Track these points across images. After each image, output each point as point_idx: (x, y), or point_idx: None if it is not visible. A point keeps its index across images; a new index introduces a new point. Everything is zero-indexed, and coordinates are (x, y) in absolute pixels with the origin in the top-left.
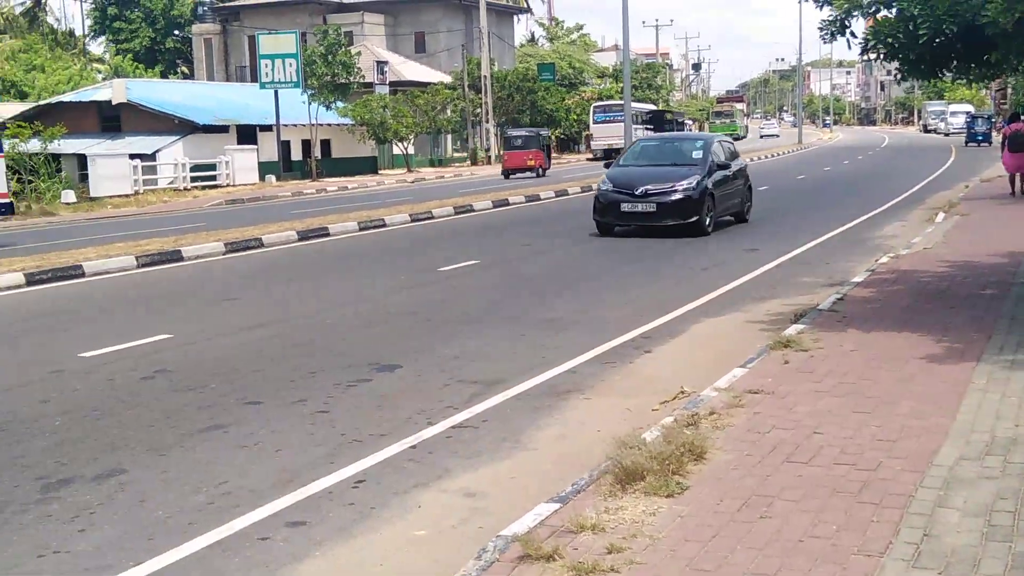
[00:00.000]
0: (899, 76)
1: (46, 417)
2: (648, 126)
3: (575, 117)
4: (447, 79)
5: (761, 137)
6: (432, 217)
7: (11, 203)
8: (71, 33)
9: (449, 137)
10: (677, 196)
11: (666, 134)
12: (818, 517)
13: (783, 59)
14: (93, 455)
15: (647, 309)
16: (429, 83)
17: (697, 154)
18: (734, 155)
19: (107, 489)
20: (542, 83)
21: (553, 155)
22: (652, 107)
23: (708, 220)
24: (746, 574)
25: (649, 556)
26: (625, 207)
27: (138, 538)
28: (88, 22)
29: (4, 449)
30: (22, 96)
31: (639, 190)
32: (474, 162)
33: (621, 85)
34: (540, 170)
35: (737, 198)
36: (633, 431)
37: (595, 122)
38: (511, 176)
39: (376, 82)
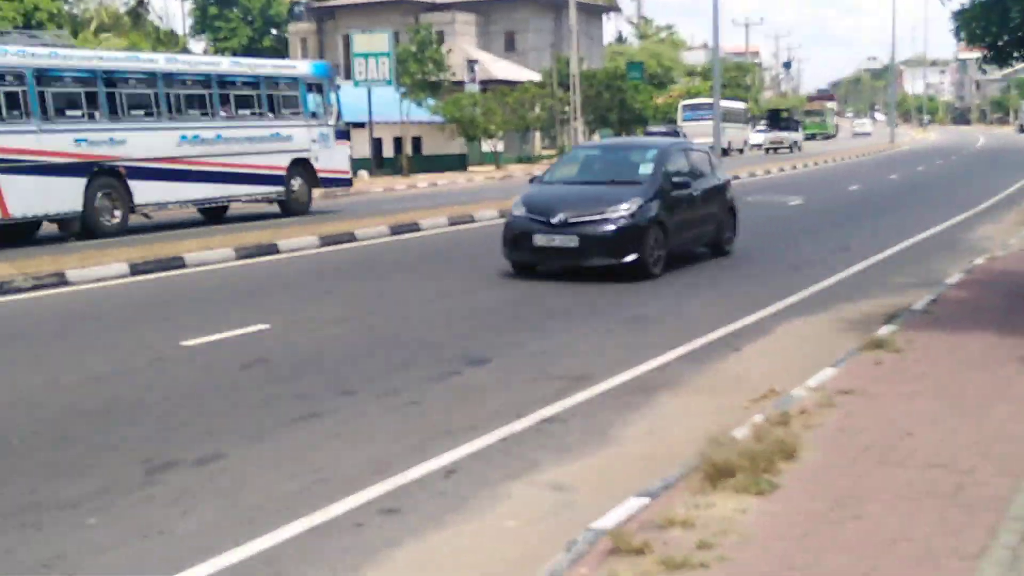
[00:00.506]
0: (981, 62)
1: (150, 403)
2: (763, 125)
3: (664, 116)
4: (536, 77)
5: (854, 136)
6: None
7: (350, 178)
8: (172, 32)
9: (537, 135)
10: (608, 227)
11: (612, 140)
12: (911, 519)
13: (875, 58)
14: (194, 440)
15: (736, 307)
16: (518, 81)
17: (645, 168)
18: (706, 169)
19: (208, 473)
20: (631, 82)
21: None
22: (743, 104)
23: (655, 259)
24: (838, 574)
25: (740, 553)
26: (539, 240)
27: (238, 521)
28: (189, 21)
29: (110, 433)
30: None
31: (557, 218)
32: None
33: (710, 84)
34: None
35: (709, 225)
36: (723, 428)
37: (684, 120)
38: None
39: (466, 80)
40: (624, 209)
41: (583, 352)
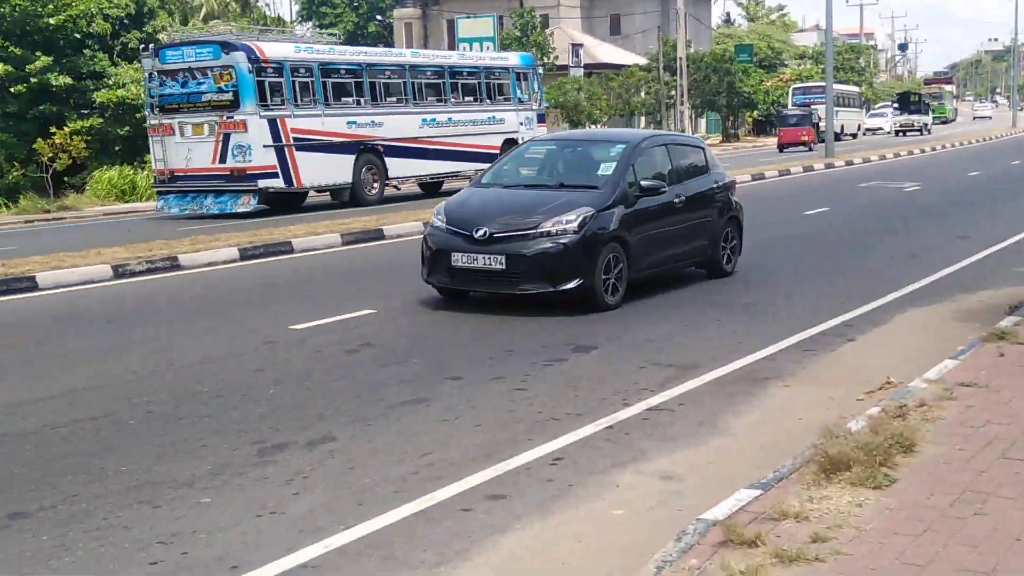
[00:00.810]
0: None
1: (261, 386)
2: (881, 108)
3: (774, 100)
4: (642, 61)
5: (974, 120)
6: None
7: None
8: (280, 19)
9: (643, 119)
10: (544, 244)
11: (571, 133)
12: None
13: (996, 39)
14: (304, 423)
15: (849, 297)
16: (624, 65)
17: (606, 168)
18: (697, 169)
19: (318, 455)
20: (739, 65)
21: (751, 138)
22: (856, 88)
23: (610, 285)
24: (960, 571)
25: (856, 547)
26: (457, 259)
27: (348, 503)
28: (296, 7)
29: (223, 415)
30: None
31: (480, 231)
32: None
33: (821, 67)
34: (811, 145)
35: (699, 239)
36: (837, 420)
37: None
38: (785, 150)
39: (571, 64)
40: (568, 221)
41: (691, 340)
